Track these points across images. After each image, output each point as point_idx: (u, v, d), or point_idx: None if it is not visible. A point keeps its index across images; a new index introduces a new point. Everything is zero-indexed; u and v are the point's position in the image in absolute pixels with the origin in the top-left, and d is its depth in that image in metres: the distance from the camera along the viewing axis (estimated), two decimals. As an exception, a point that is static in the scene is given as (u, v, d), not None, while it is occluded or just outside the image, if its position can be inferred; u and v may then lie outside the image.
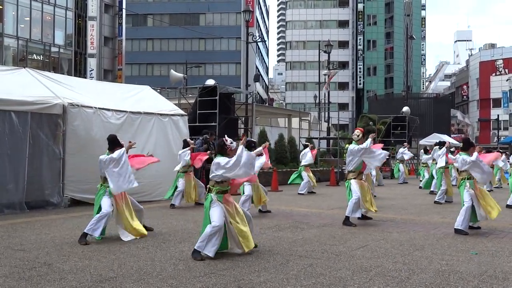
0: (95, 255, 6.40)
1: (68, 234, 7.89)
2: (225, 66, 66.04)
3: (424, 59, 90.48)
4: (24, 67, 12.94)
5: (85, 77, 43.39)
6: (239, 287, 5.03)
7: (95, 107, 11.87)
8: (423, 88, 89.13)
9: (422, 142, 34.44)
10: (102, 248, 6.85)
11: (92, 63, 49.54)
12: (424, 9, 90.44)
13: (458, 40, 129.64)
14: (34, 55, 44.61)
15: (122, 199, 7.58)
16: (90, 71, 48.94)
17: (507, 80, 66.41)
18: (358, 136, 9.56)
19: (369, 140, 9.35)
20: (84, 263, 5.92)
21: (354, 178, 9.53)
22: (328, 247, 7.17)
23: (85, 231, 7.19)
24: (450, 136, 44.22)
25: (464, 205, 8.46)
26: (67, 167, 11.24)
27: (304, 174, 16.41)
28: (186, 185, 11.74)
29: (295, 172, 17.28)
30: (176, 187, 11.86)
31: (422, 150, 20.03)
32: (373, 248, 7.13)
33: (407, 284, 5.24)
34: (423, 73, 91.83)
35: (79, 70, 48.08)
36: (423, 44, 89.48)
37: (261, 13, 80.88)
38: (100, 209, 7.42)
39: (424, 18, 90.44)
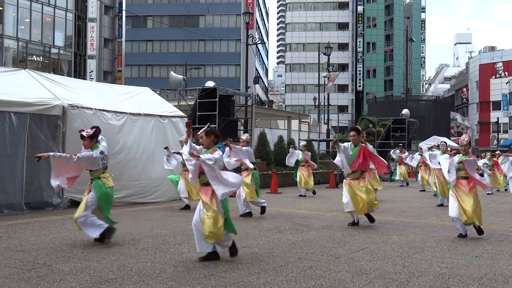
0: (95, 256, 6.40)
1: (68, 235, 7.88)
2: (225, 68, 66.10)
3: (424, 62, 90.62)
4: (24, 68, 12.94)
5: (85, 79, 43.40)
6: (238, 289, 5.03)
7: (95, 109, 11.87)
8: (422, 91, 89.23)
9: (422, 144, 34.43)
10: (101, 249, 6.84)
11: (92, 64, 49.61)
12: (424, 12, 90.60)
13: (458, 43, 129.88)
14: (34, 56, 44.67)
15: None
16: (89, 72, 49.00)
17: (507, 83, 66.54)
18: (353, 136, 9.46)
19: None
20: (84, 264, 5.92)
21: (350, 179, 9.38)
22: (328, 249, 7.17)
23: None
24: (449, 139, 44.23)
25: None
26: (67, 168, 11.21)
27: (298, 173, 16.43)
28: (186, 183, 11.63)
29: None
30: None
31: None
32: (372, 250, 7.12)
33: (406, 287, 5.24)
34: (422, 75, 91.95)
35: (79, 72, 48.14)
36: (422, 47, 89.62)
37: (261, 15, 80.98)
38: None
39: (424, 21, 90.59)
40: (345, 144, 9.43)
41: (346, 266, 6.09)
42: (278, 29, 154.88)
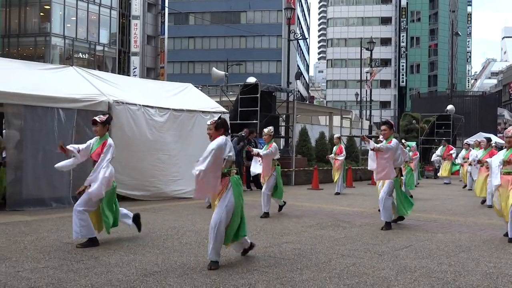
0: (140, 249, 6.52)
1: (113, 228, 8.01)
2: (266, 64, 66.13)
3: (470, 56, 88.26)
4: (71, 65, 13.27)
5: (129, 75, 44.23)
6: (281, 284, 5.03)
7: (139, 105, 12.07)
8: (468, 86, 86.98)
9: (468, 142, 33.62)
10: (146, 243, 6.97)
11: (135, 61, 50.51)
12: (470, 5, 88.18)
13: (506, 37, 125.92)
14: (80, 53, 45.79)
15: None
16: (133, 69, 49.91)
17: (557, 78, 64.06)
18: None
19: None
20: (130, 257, 6.04)
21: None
22: (371, 246, 7.09)
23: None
24: (496, 135, 43.00)
25: None
26: (112, 163, 11.43)
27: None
28: None
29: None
30: None
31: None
32: (417, 248, 7.00)
33: (453, 286, 5.13)
34: (468, 70, 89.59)
35: (123, 68, 49.10)
36: (468, 41, 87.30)
37: (302, 10, 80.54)
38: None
39: (470, 14, 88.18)
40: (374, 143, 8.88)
41: (390, 264, 6.01)
42: (319, 24, 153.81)
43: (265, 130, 10.52)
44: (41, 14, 43.82)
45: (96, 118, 7.20)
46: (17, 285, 4.80)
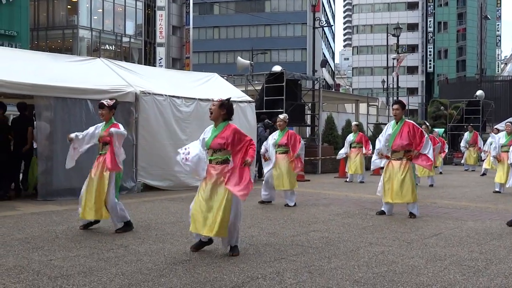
0: (168, 238, 6.59)
1: (142, 217, 8.16)
2: (291, 52, 65.74)
3: (500, 40, 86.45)
4: (99, 57, 13.40)
5: (155, 66, 44.50)
6: (309, 273, 5.03)
7: (166, 95, 12.15)
8: (498, 71, 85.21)
9: (498, 127, 32.97)
10: (174, 232, 7.04)
11: (161, 52, 50.75)
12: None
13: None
14: (107, 45, 46.20)
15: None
16: (159, 60, 50.18)
17: None
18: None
19: None
20: (158, 246, 6.11)
21: (393, 159, 8.74)
22: (400, 234, 7.03)
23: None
24: (528, 121, 41.98)
25: None
26: (139, 153, 11.59)
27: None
28: None
29: None
30: None
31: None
32: (447, 236, 6.92)
33: (484, 274, 5.06)
34: (498, 55, 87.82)
35: (149, 59, 49.41)
36: (498, 24, 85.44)
37: (327, -3, 79.72)
38: None
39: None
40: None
41: (419, 252, 5.95)
42: (344, 11, 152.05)
43: (281, 116, 10.20)
44: (68, 7, 44.36)
45: (104, 101, 7.30)
46: (50, 273, 4.90)
